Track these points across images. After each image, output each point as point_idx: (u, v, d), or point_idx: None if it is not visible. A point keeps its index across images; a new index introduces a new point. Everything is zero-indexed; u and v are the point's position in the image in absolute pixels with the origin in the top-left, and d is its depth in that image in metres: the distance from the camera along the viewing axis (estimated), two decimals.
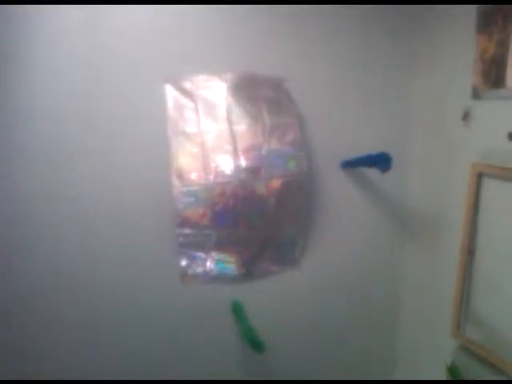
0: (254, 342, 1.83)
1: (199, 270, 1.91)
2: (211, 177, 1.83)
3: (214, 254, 1.91)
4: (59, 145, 1.71)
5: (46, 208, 1.73)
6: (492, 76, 1.70)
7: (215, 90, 1.86)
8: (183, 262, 1.89)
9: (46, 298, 1.77)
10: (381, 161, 1.85)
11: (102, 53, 1.71)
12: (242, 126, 1.87)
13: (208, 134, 1.84)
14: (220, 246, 1.90)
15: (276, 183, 1.91)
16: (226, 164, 1.85)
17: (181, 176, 1.82)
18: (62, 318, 1.80)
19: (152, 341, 1.92)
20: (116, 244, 1.83)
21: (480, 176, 1.75)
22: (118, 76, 1.74)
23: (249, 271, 1.98)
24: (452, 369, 1.89)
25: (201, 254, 1.90)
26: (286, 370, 2.16)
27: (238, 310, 1.96)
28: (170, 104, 1.80)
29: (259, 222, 1.92)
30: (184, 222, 1.84)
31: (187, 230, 1.85)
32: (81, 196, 1.76)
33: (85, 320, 1.83)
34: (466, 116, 1.83)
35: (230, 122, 1.86)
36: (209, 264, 1.92)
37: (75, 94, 1.71)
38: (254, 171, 1.87)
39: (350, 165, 2.07)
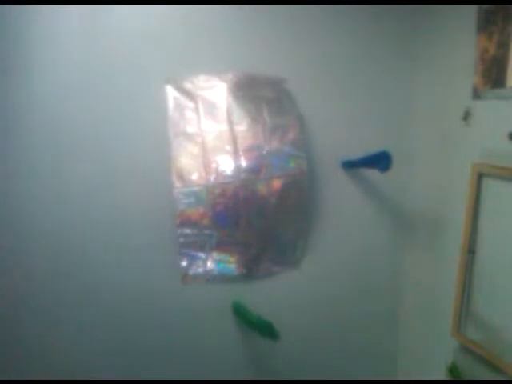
0: (269, 329, 1.80)
1: (200, 270, 1.91)
2: (212, 177, 1.83)
3: (215, 255, 1.91)
4: (59, 146, 1.71)
5: (46, 209, 1.73)
6: (492, 76, 1.70)
7: (216, 90, 1.86)
8: (184, 263, 1.89)
9: (46, 300, 1.77)
10: (380, 159, 1.83)
11: (102, 54, 1.71)
12: (242, 127, 1.87)
13: (209, 134, 1.84)
14: (221, 247, 1.90)
15: (276, 183, 1.91)
16: (226, 164, 1.85)
17: (181, 176, 1.82)
18: (62, 321, 1.80)
19: (152, 341, 1.92)
20: (116, 245, 1.83)
21: (480, 176, 1.75)
22: (119, 76, 1.74)
23: (249, 271, 1.98)
24: (452, 369, 1.89)
25: (201, 255, 1.90)
26: (287, 370, 2.16)
27: (239, 310, 1.96)
28: (171, 104, 1.80)
29: (260, 222, 1.92)
30: (185, 223, 1.84)
31: (188, 231, 1.85)
32: (80, 196, 1.76)
33: (85, 321, 1.83)
34: (466, 116, 1.83)
35: (230, 122, 1.85)
36: (209, 264, 1.92)
37: (75, 95, 1.71)
38: (254, 171, 1.87)
39: (350, 165, 2.07)
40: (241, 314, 1.95)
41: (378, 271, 2.26)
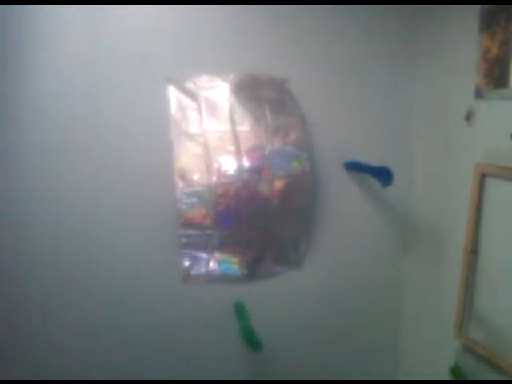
0: (252, 341, 1.84)
1: (202, 270, 1.91)
2: (214, 177, 1.83)
3: (217, 255, 1.91)
4: (60, 147, 1.71)
5: (46, 210, 1.73)
6: (495, 76, 1.70)
7: (218, 90, 1.86)
8: (186, 263, 1.89)
9: (47, 301, 1.77)
10: (382, 175, 1.84)
11: (104, 54, 1.71)
12: (244, 127, 1.87)
13: (211, 134, 1.84)
14: (223, 247, 1.90)
15: (279, 183, 1.90)
16: (228, 164, 1.85)
17: (183, 176, 1.82)
18: (62, 321, 1.80)
19: (153, 341, 1.92)
20: (118, 245, 1.83)
21: (483, 176, 1.75)
22: (120, 76, 1.74)
23: (252, 272, 1.98)
24: (455, 369, 1.88)
25: (203, 255, 1.90)
26: (288, 370, 2.15)
27: (240, 311, 1.95)
28: (173, 105, 1.80)
29: (262, 222, 1.92)
30: (187, 223, 1.83)
31: (190, 231, 1.85)
32: (82, 198, 1.76)
33: (86, 322, 1.83)
34: (469, 116, 1.83)
35: (232, 122, 1.85)
36: (212, 264, 1.91)
37: (77, 96, 1.71)
38: (256, 171, 1.87)
39: (353, 166, 2.07)
40: (238, 315, 1.95)
41: (381, 271, 2.26)
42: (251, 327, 1.88)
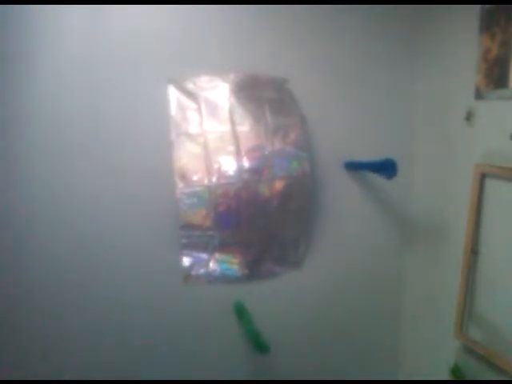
0: (259, 344, 1.84)
1: (202, 270, 1.91)
2: (214, 178, 1.83)
3: (217, 255, 1.91)
4: (60, 148, 1.71)
5: (46, 210, 1.73)
6: (495, 76, 1.70)
7: (218, 90, 1.86)
8: (186, 263, 1.89)
9: (46, 301, 1.77)
10: (386, 167, 1.84)
11: (104, 54, 1.71)
12: (244, 127, 1.87)
13: (211, 134, 1.84)
14: (223, 247, 1.90)
15: (279, 184, 1.91)
16: (228, 165, 1.85)
17: (183, 177, 1.82)
18: (62, 322, 1.80)
19: (154, 341, 1.92)
20: (118, 245, 1.83)
21: (483, 176, 1.75)
22: (121, 77, 1.75)
23: (252, 272, 1.98)
24: (455, 369, 1.89)
25: (204, 255, 1.90)
26: (288, 370, 2.15)
27: (240, 311, 1.96)
28: (173, 105, 1.81)
29: (262, 222, 1.92)
30: (187, 223, 1.84)
31: (190, 231, 1.85)
32: (81, 198, 1.76)
33: (86, 322, 1.83)
34: (469, 116, 1.83)
35: (232, 122, 1.86)
36: (212, 265, 1.92)
37: (77, 96, 1.71)
38: (256, 172, 1.87)
39: (353, 166, 2.07)
40: (239, 317, 1.95)
41: (380, 272, 2.26)
42: (256, 330, 1.88)
